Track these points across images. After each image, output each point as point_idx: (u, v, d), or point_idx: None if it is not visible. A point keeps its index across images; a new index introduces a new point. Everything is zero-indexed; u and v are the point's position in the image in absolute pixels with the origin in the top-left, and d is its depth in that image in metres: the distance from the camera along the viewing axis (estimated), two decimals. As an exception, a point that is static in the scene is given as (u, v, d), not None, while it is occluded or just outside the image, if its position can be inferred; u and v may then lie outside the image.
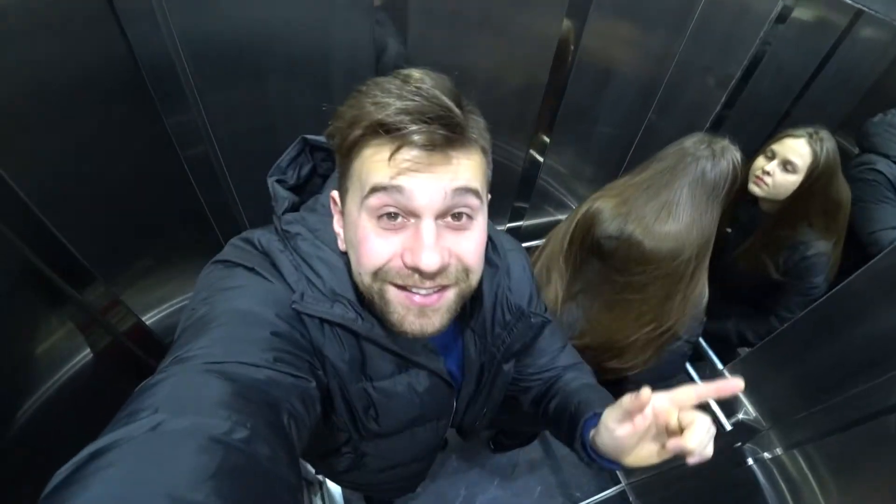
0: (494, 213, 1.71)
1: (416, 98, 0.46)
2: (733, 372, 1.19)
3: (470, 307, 0.69)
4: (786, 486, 1.14)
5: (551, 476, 1.89)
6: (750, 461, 1.22)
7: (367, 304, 0.55)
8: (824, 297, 0.99)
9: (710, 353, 1.35)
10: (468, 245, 0.52)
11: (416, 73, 0.49)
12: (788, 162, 1.16)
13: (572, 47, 1.26)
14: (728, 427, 1.16)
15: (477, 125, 0.52)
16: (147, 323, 1.09)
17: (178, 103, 0.91)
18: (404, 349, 0.60)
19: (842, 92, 1.89)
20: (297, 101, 1.05)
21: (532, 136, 1.44)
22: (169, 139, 0.93)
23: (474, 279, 0.55)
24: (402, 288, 0.51)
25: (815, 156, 1.14)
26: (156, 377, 0.41)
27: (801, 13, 1.48)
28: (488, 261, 0.67)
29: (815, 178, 1.14)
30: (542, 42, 1.24)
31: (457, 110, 0.47)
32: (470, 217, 0.52)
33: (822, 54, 1.70)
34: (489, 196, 0.56)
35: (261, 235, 0.58)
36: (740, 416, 1.17)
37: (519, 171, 1.52)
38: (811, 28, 1.58)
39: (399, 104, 0.46)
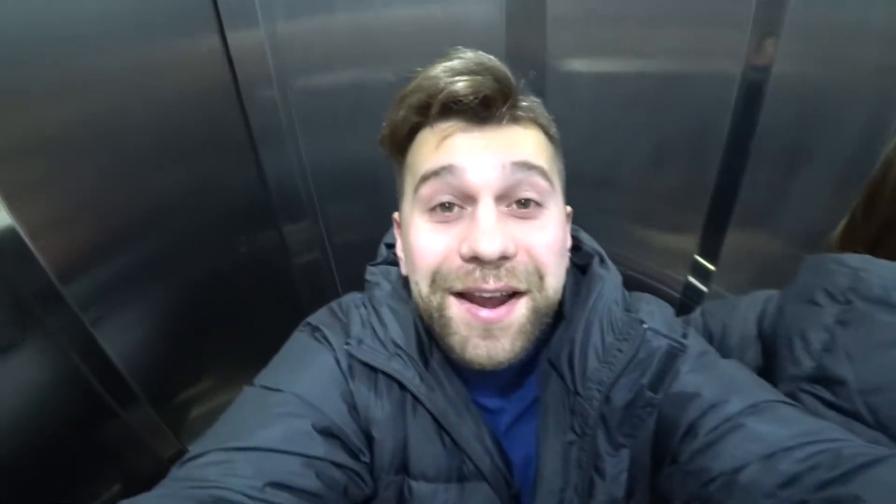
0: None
1: (458, 59, 0.42)
2: None
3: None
4: None
5: None
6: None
7: (429, 328, 0.48)
8: None
9: None
10: (539, 236, 0.43)
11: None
12: None
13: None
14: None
15: (533, 101, 0.46)
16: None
17: (296, 213, 0.97)
18: (462, 436, 0.47)
19: None
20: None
21: (691, 259, 1.15)
22: (284, 245, 0.99)
23: (551, 286, 0.45)
24: (464, 297, 0.43)
25: None
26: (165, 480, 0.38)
27: None
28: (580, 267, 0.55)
29: None
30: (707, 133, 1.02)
31: (505, 68, 0.43)
32: (539, 204, 0.44)
33: None
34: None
35: (351, 296, 0.56)
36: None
37: (677, 298, 1.21)
38: None
39: (440, 68, 0.42)
